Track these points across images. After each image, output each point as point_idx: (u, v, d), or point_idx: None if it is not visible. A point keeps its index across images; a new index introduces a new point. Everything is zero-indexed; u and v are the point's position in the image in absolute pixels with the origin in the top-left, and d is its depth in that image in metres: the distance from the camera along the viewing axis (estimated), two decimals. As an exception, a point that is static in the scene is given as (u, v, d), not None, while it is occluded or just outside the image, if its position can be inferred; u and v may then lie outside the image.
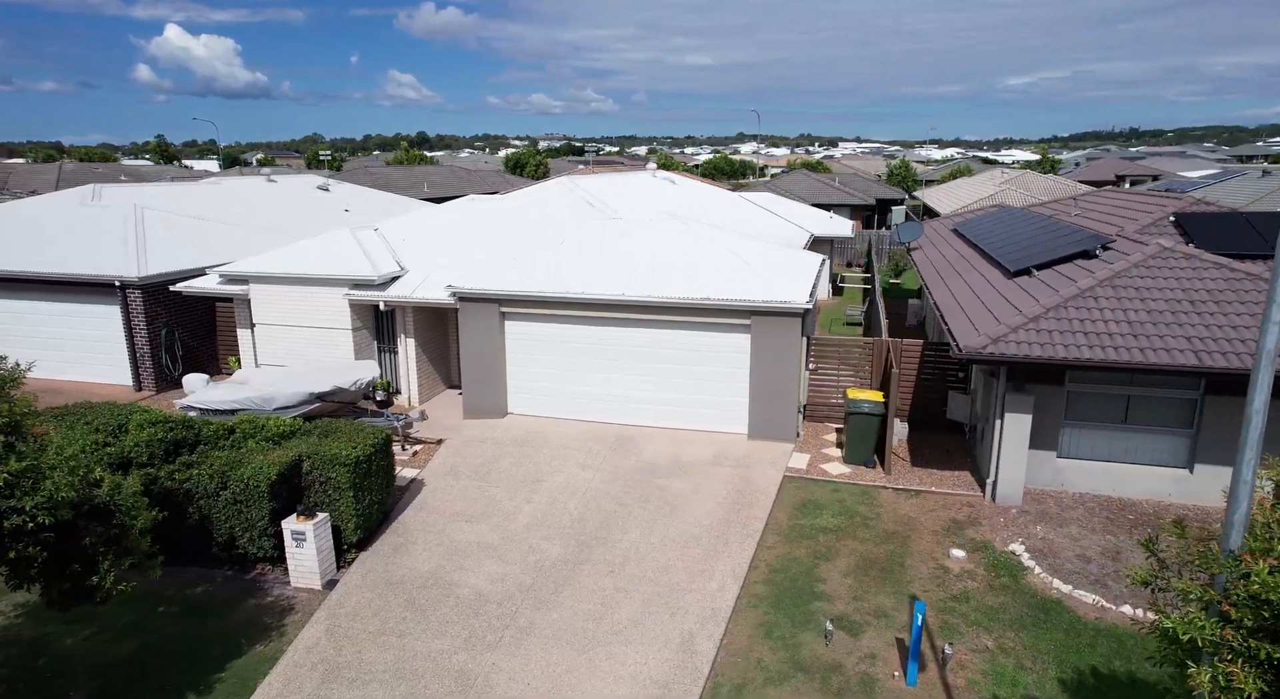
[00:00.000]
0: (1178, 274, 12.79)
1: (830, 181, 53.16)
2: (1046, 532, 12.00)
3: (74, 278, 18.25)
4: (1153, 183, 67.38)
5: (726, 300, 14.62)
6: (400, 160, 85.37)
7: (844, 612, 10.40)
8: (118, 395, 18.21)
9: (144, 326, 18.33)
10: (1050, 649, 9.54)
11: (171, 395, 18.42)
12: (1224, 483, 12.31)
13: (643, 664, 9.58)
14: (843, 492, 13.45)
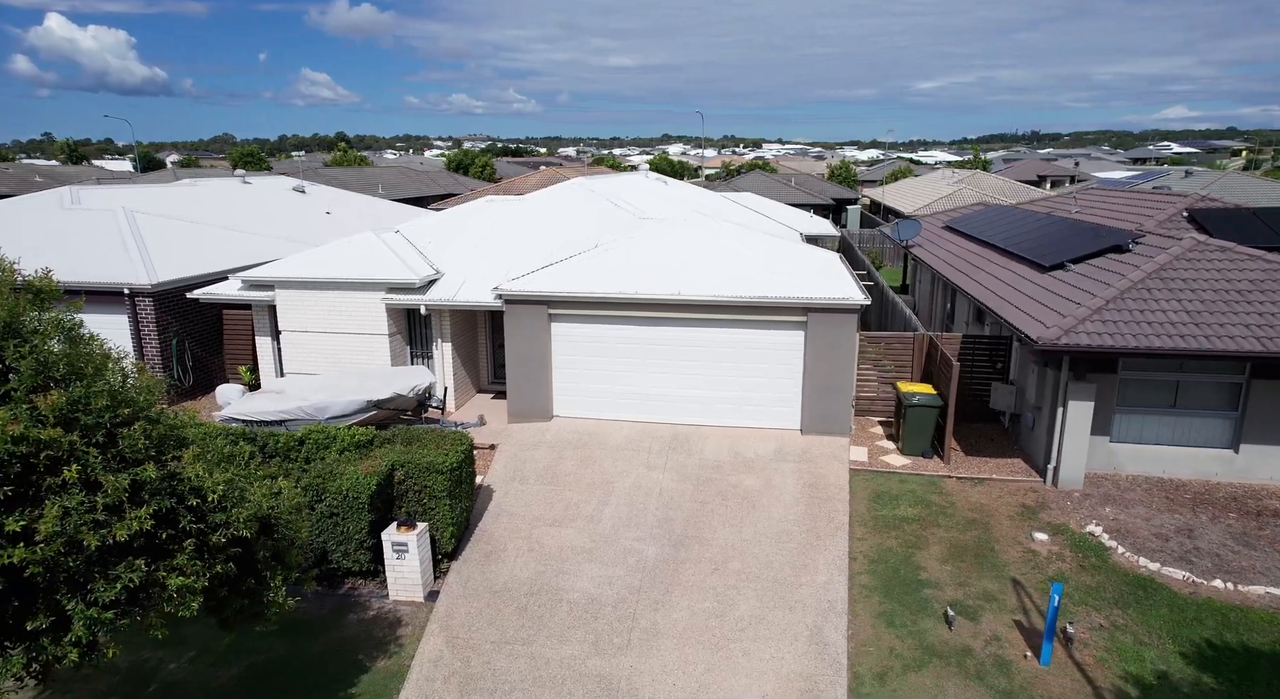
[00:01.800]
0: (1218, 266, 13.61)
1: (786, 182, 54.15)
2: (1116, 513, 12.60)
3: (78, 286, 17.12)
4: (1071, 184, 71.14)
5: (784, 298, 14.82)
6: (339, 162, 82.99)
7: (954, 597, 10.71)
8: (128, 409, 17.24)
9: (155, 336, 17.38)
10: (1160, 625, 10.04)
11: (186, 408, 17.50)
12: (1269, 462, 13.24)
13: (779, 659, 9.67)
14: (910, 482, 13.81)
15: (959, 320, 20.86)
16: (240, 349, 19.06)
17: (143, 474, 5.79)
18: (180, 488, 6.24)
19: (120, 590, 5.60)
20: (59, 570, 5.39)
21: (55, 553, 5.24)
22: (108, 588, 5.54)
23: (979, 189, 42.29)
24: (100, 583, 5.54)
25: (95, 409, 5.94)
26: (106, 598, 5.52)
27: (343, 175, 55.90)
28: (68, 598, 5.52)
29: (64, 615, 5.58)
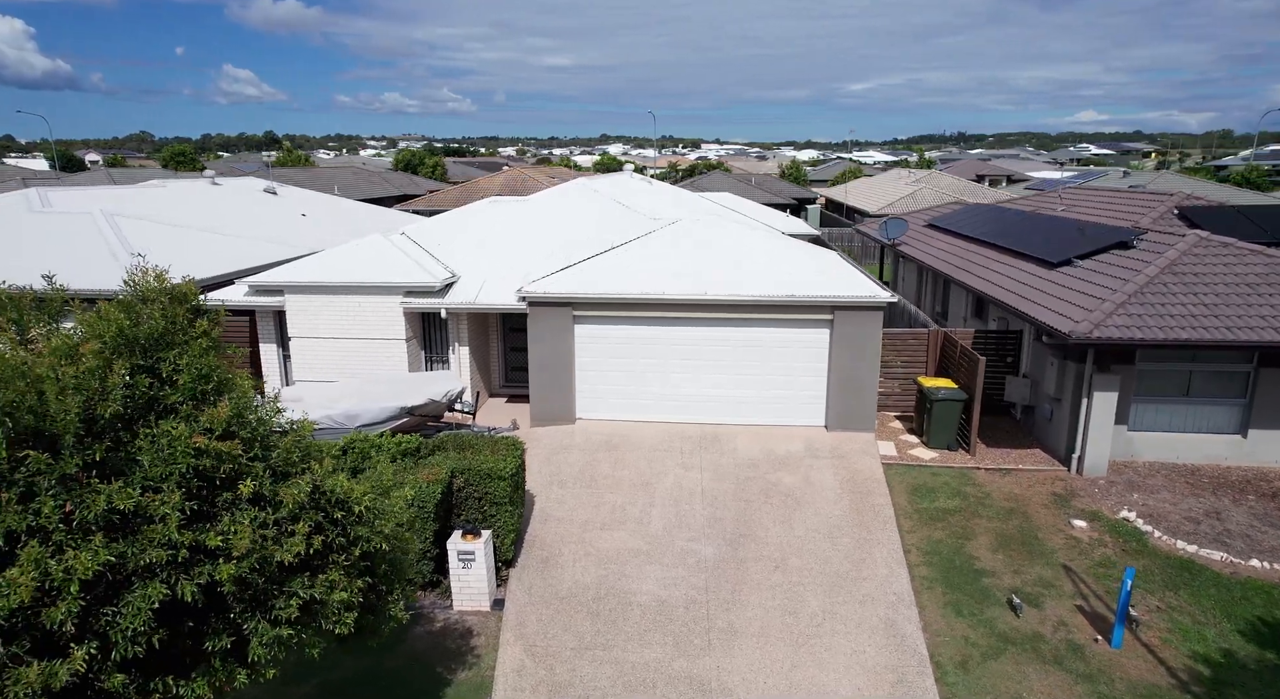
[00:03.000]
0: (1224, 261, 14.32)
1: (747, 182, 54.78)
2: (1143, 498, 13.15)
3: (74, 295, 16.21)
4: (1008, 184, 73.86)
5: (811, 297, 14.99)
6: (283, 162, 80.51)
7: (1014, 584, 11.01)
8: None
9: (151, 345, 16.54)
10: (1212, 605, 10.51)
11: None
12: (1275, 445, 13.96)
13: (861, 652, 9.79)
14: (942, 475, 14.14)
15: (954, 316, 21.44)
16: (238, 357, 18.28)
17: (304, 487, 5.53)
18: (324, 500, 5.99)
19: (297, 607, 5.34)
20: (245, 587, 5.11)
21: (249, 569, 4.97)
22: (287, 605, 5.28)
23: (938, 189, 43.53)
24: (280, 600, 5.28)
25: (250, 422, 5.65)
26: (288, 615, 5.26)
27: (295, 176, 54.16)
28: (247, 616, 5.23)
29: (240, 635, 5.29)
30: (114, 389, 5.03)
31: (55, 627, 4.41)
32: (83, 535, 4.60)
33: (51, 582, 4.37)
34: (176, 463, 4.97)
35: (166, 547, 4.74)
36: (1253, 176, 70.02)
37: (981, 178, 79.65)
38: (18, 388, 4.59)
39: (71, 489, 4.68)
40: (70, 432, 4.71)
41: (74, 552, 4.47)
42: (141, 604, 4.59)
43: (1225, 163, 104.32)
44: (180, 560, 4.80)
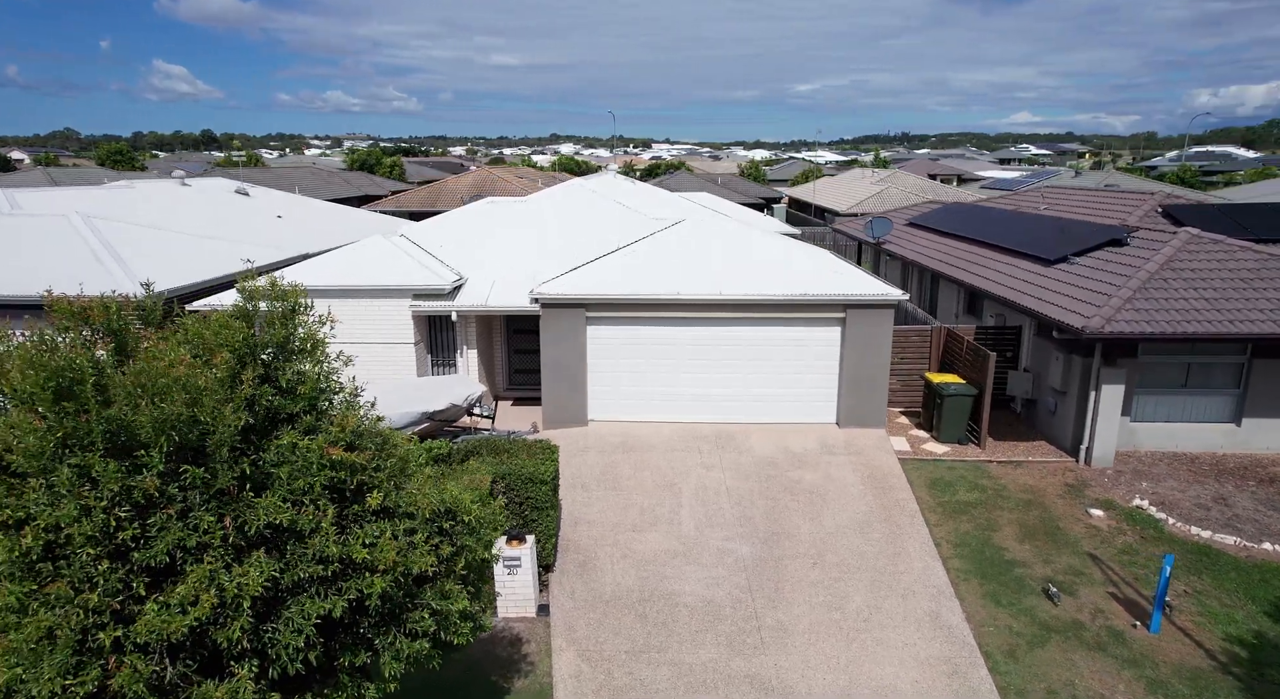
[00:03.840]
0: (1217, 257, 14.92)
1: (714, 181, 55.14)
2: (1152, 487, 13.63)
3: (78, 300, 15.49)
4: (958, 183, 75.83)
5: (824, 295, 15.16)
6: (232, 162, 78.18)
7: (1046, 574, 11.30)
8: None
9: (142, 352, 15.90)
10: (1235, 588, 10.95)
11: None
12: (1266, 433, 14.58)
13: (912, 645, 9.94)
14: (958, 469, 14.44)
15: (943, 312, 21.91)
16: (227, 363, 17.70)
17: (433, 497, 5.38)
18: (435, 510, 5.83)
19: (430, 620, 5.19)
20: (384, 601, 4.94)
21: (393, 582, 4.81)
22: (422, 618, 5.12)
23: (904, 188, 44.43)
24: (415, 612, 5.12)
25: (365, 432, 5.47)
26: (424, 627, 5.10)
27: (252, 177, 52.60)
28: (382, 631, 5.06)
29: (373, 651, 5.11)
30: (242, 400, 4.81)
31: (230, 644, 4.20)
32: (244, 551, 4.39)
33: (225, 598, 4.16)
34: (314, 475, 4.79)
35: (319, 561, 4.55)
36: (1186, 176, 73.35)
37: (933, 177, 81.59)
38: (180, 400, 4.36)
39: (225, 504, 4.46)
40: (227, 444, 4.49)
41: (241, 567, 4.27)
42: (302, 621, 4.40)
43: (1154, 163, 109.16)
44: (330, 575, 4.61)
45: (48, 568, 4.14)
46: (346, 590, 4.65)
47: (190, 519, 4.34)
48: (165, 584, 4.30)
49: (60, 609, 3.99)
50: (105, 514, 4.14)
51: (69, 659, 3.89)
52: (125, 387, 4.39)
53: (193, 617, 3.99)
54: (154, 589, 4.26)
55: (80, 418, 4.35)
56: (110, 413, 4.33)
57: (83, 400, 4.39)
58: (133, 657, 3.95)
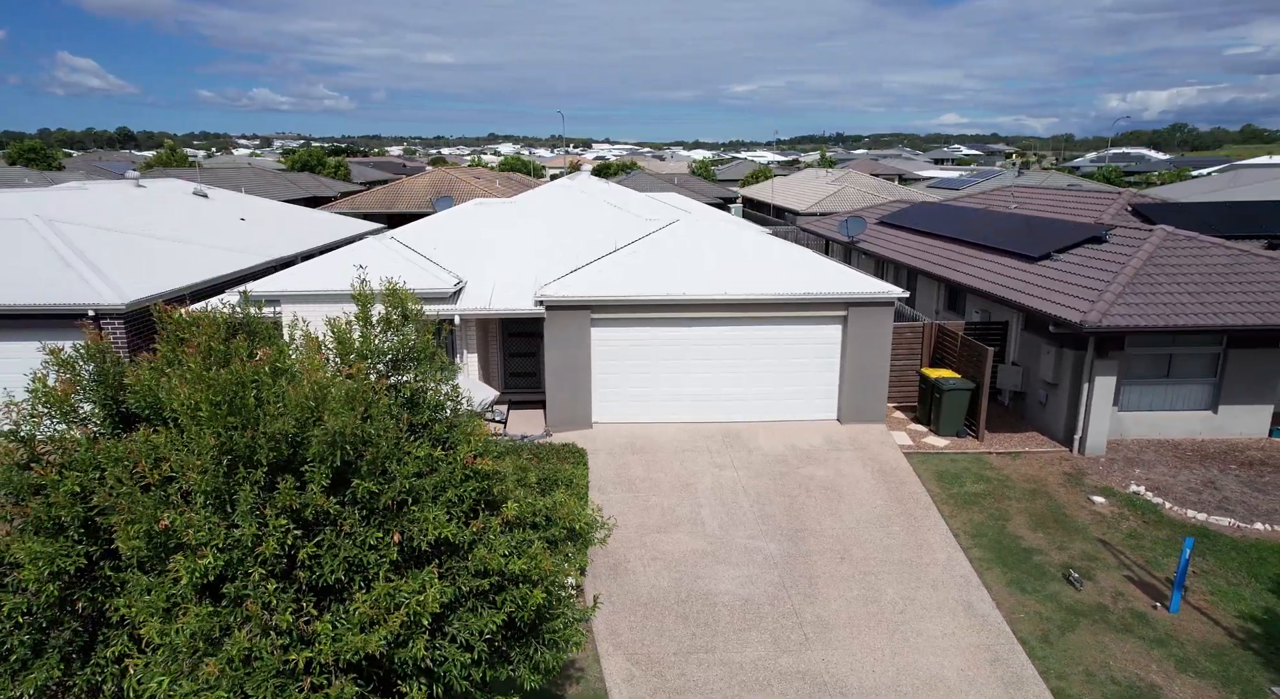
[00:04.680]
0: (1193, 253, 15.68)
1: (670, 181, 55.35)
2: (1145, 473, 14.24)
3: (26, 310, 14.67)
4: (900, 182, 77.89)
5: (827, 294, 15.40)
6: (164, 161, 74.89)
7: (1063, 560, 11.71)
8: (96, 448, 15.04)
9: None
10: (1237, 567, 11.53)
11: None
12: (1240, 419, 15.37)
13: (951, 634, 10.18)
14: (960, 461, 14.84)
15: (922, 309, 22.44)
16: (208, 372, 17.01)
17: (576, 509, 5.30)
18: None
19: (566, 630, 5.10)
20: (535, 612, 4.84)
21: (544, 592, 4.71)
22: (559, 628, 5.03)
23: (860, 187, 45.38)
24: (553, 623, 5.02)
25: (485, 439, 5.34)
26: (566, 637, 5.02)
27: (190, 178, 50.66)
28: (521, 643, 4.95)
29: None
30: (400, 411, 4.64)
31: (403, 663, 4.04)
32: (401, 567, 4.24)
33: (407, 615, 4.01)
34: (460, 487, 4.66)
35: (479, 575, 4.43)
36: (1112, 177, 77.22)
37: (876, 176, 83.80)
38: (356, 414, 4.17)
39: (388, 518, 4.30)
40: (393, 457, 4.33)
41: (411, 583, 4.11)
42: (469, 636, 4.27)
43: (1077, 164, 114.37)
44: (488, 588, 4.50)
45: (232, 589, 3.92)
46: (503, 603, 4.53)
47: (357, 536, 4.17)
48: (331, 603, 4.12)
49: (251, 632, 3.79)
50: (283, 533, 3.95)
51: (271, 681, 3.69)
52: (297, 400, 4.19)
53: (383, 634, 3.83)
54: (321, 609, 4.08)
55: (247, 434, 4.14)
56: (277, 428, 4.13)
57: (248, 416, 4.18)
58: (343, 680, 3.77)
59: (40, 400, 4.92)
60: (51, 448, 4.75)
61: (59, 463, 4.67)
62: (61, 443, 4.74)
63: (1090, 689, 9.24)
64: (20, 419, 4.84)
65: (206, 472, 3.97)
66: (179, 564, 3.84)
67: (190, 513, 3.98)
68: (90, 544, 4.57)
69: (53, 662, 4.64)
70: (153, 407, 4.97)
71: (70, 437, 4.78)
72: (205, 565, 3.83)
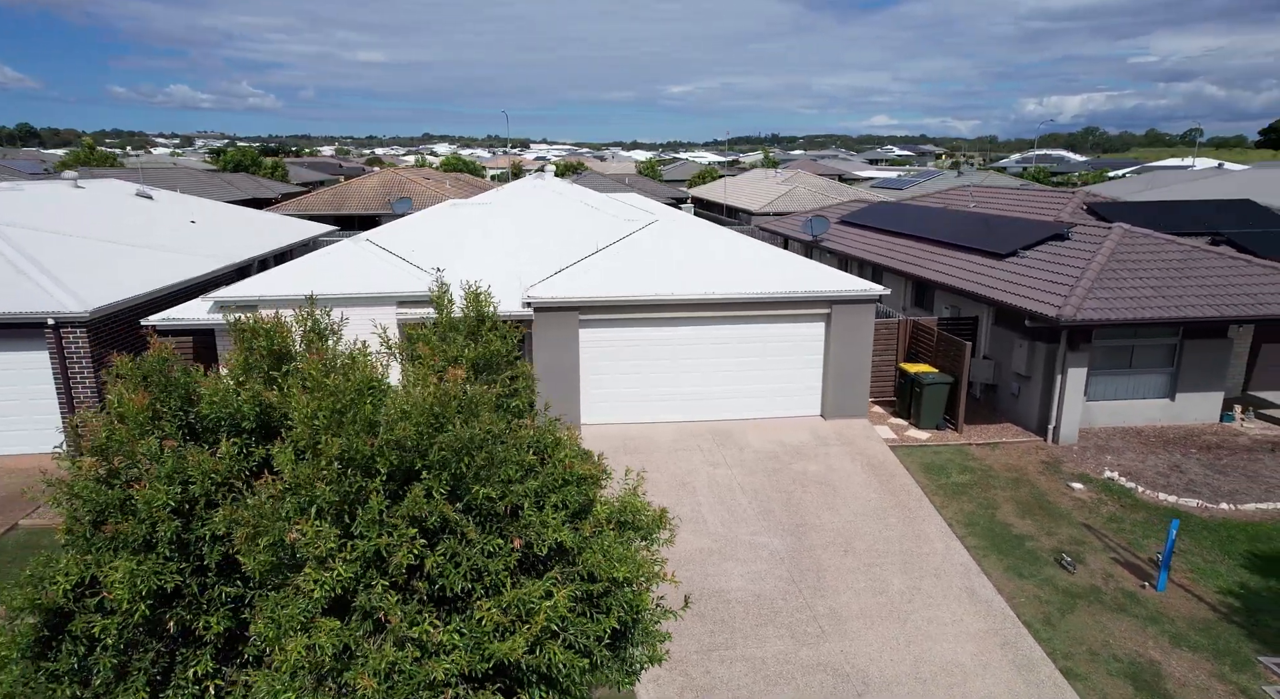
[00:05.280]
0: (1150, 250, 16.50)
1: (621, 181, 55.42)
2: (1115, 459, 14.93)
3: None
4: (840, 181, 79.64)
5: (812, 292, 15.69)
6: (81, 160, 71.27)
7: (1053, 545, 12.20)
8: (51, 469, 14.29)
9: (90, 376, 14.44)
10: (1210, 545, 12.20)
11: (134, 455, 14.80)
12: (1195, 406, 16.24)
13: (960, 621, 10.51)
14: (943, 453, 15.31)
15: (890, 305, 22.99)
16: (175, 382, 16.33)
17: (653, 513, 5.30)
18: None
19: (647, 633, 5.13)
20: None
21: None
22: (647, 630, 5.05)
23: (809, 187, 46.25)
24: (643, 625, 5.03)
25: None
26: (658, 638, 5.04)
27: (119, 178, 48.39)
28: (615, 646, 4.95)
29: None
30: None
31: (536, 669, 4.00)
32: (515, 573, 4.19)
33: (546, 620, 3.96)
34: (562, 490, 4.63)
35: (588, 579, 4.42)
36: (1039, 176, 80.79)
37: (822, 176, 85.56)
38: (486, 421, 4.09)
39: (506, 525, 4.24)
40: (512, 462, 4.27)
41: (534, 588, 4.07)
42: (591, 643, 4.25)
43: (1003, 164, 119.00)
44: (598, 592, 4.49)
45: (364, 601, 3.79)
46: (612, 607, 4.52)
47: (477, 543, 4.10)
48: (451, 613, 4.04)
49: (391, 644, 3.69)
50: (409, 542, 3.85)
51: (417, 695, 3.60)
52: (422, 406, 4.09)
53: (522, 641, 3.78)
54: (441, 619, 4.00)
55: (368, 442, 4.02)
56: (398, 436, 4.02)
57: (365, 424, 4.05)
58: (485, 691, 3.69)
59: (118, 412, 4.68)
60: (129, 461, 4.53)
61: (144, 476, 4.46)
62: (137, 456, 4.52)
63: (1095, 667, 9.66)
64: (100, 432, 4.60)
65: (333, 482, 3.85)
66: (310, 577, 3.71)
67: (319, 525, 3.85)
68: (181, 561, 4.39)
69: (138, 684, 4.44)
70: (229, 418, 4.79)
71: (149, 449, 4.56)
72: (335, 578, 3.71)
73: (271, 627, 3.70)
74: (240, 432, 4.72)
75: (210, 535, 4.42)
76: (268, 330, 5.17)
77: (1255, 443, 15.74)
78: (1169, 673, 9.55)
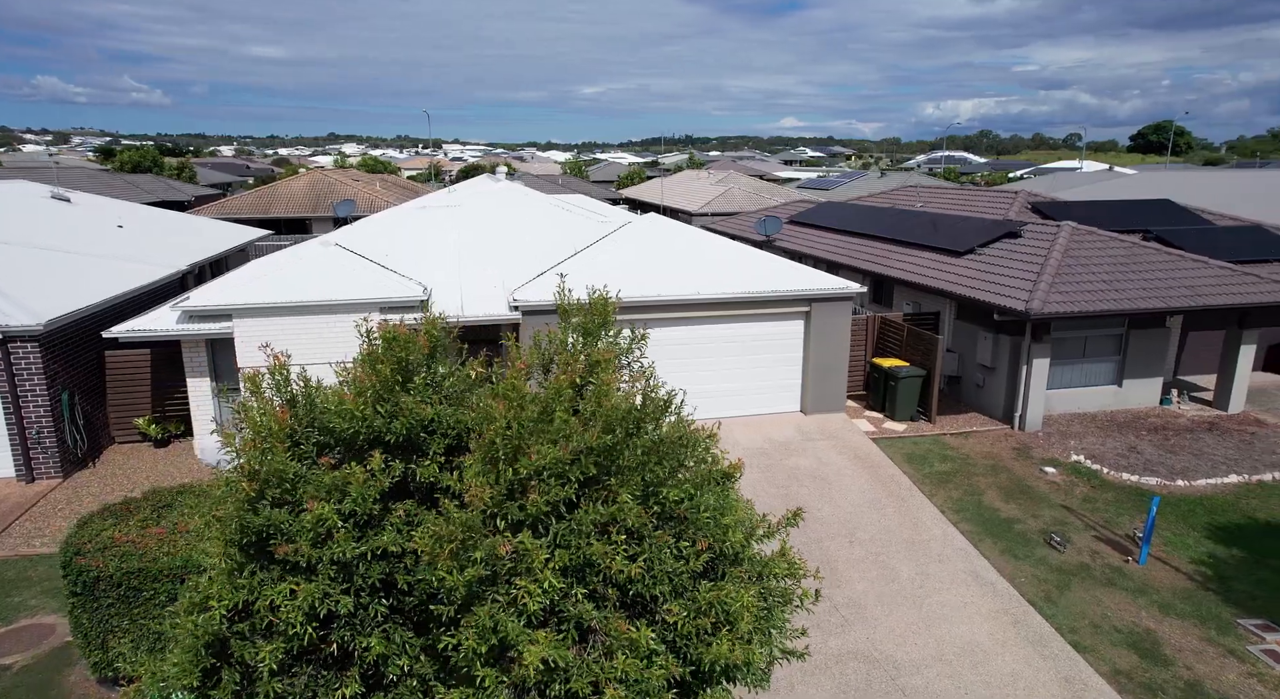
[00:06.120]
0: (1097, 246, 17.61)
1: (555, 182, 55.09)
2: (1078, 443, 15.88)
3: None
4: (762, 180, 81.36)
5: (794, 290, 16.07)
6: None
7: (1039, 527, 12.91)
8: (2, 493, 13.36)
9: (44, 392, 13.44)
10: (1175, 519, 13.15)
11: (85, 481, 13.94)
12: (1139, 391, 17.42)
13: (972, 603, 11.01)
14: (922, 443, 15.94)
15: (843, 303, 23.73)
16: (132, 398, 15.40)
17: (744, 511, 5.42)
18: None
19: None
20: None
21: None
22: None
23: (744, 188, 47.11)
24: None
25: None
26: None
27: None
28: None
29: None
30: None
31: (722, 667, 4.04)
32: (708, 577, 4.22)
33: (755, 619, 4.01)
34: (715, 486, 4.69)
35: (756, 578, 4.48)
36: (950, 176, 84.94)
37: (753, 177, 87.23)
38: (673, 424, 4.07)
39: (683, 530, 4.26)
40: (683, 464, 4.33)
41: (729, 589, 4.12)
42: (768, 639, 4.32)
43: (910, 165, 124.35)
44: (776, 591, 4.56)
45: (573, 610, 3.73)
46: (778, 606, 4.59)
47: (670, 547, 4.11)
48: (636, 618, 4.03)
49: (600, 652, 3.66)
50: (626, 549, 3.83)
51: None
52: (622, 411, 4.05)
53: (729, 643, 3.81)
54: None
55: (563, 449, 3.94)
56: (593, 441, 3.97)
57: (559, 431, 3.98)
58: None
59: (261, 431, 4.44)
60: (283, 482, 4.32)
61: (302, 496, 4.26)
62: (290, 475, 4.32)
63: (1100, 639, 10.29)
64: (247, 452, 4.35)
65: (545, 493, 3.77)
66: (523, 590, 3.63)
67: (528, 536, 3.77)
68: (343, 582, 4.22)
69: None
70: (366, 432, 4.62)
71: (293, 468, 4.36)
72: (547, 588, 3.65)
73: (481, 642, 3.60)
74: (385, 446, 4.56)
75: (370, 554, 4.27)
76: (405, 340, 5.00)
77: (1194, 423, 17.02)
78: (1165, 640, 10.27)
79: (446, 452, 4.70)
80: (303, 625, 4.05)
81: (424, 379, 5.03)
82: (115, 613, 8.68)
